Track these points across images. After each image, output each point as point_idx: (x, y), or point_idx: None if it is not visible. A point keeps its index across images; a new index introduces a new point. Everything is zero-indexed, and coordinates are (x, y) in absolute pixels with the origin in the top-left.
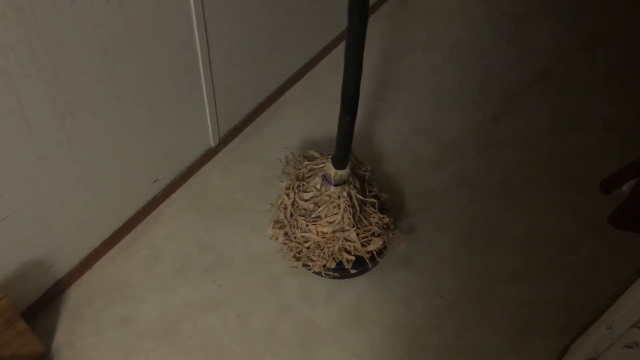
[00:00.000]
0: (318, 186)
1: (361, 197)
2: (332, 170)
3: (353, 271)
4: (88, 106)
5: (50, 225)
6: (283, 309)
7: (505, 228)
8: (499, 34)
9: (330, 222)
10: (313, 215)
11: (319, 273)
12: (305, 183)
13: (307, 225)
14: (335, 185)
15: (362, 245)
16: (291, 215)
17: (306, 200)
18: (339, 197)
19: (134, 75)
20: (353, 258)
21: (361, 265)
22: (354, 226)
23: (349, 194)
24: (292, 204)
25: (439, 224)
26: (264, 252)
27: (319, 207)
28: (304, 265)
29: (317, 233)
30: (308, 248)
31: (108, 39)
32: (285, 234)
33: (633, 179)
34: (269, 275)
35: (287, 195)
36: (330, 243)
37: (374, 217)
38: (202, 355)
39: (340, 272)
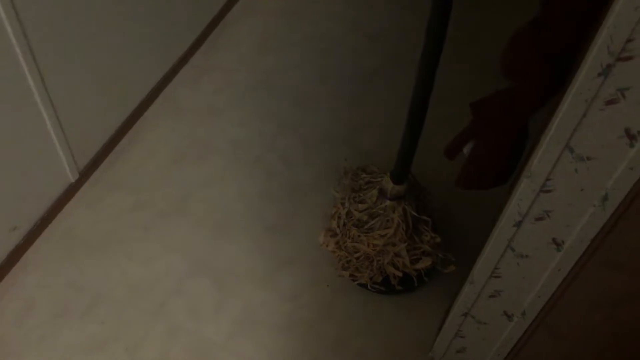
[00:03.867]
0: (374, 199)
1: (415, 214)
2: (389, 185)
3: (399, 288)
4: None
5: None
6: (172, 332)
7: None
8: (346, 23)
9: (382, 236)
10: (366, 227)
11: (364, 285)
12: (361, 195)
13: (359, 235)
14: (391, 200)
15: (411, 262)
16: (344, 224)
17: (361, 212)
18: (394, 211)
19: None
20: (400, 274)
21: (407, 283)
22: (405, 242)
23: (403, 210)
24: (347, 214)
25: None
26: (143, 279)
27: (372, 219)
28: (351, 275)
29: (368, 245)
30: (357, 259)
31: None
32: (337, 242)
33: (470, 142)
34: (152, 301)
35: (342, 204)
36: (380, 256)
37: (426, 235)
38: None
39: (386, 287)
